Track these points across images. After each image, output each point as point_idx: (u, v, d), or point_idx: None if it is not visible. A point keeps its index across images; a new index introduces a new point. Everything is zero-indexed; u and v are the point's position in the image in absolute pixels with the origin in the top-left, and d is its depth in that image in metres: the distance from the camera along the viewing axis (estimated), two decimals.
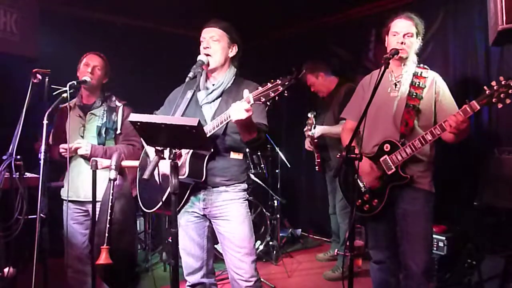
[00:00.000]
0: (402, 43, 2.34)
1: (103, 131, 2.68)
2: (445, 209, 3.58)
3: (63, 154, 2.55)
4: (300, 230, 5.05)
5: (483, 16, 3.27)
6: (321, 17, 4.95)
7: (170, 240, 2.22)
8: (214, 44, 2.18)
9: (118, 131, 2.73)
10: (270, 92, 1.82)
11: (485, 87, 2.06)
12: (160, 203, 2.12)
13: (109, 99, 2.80)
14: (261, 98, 1.84)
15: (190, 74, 2.11)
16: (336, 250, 3.92)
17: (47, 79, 2.35)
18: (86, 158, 2.60)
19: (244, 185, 2.27)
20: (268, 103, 1.86)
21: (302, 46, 5.18)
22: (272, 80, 1.84)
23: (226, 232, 2.19)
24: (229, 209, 2.18)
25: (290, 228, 4.92)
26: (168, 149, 1.83)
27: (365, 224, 2.66)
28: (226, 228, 2.19)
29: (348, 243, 2.11)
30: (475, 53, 3.63)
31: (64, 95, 2.41)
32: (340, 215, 3.87)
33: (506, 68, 3.42)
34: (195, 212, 2.25)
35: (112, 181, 2.24)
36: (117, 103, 2.80)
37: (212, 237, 2.32)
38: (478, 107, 2.07)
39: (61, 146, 2.57)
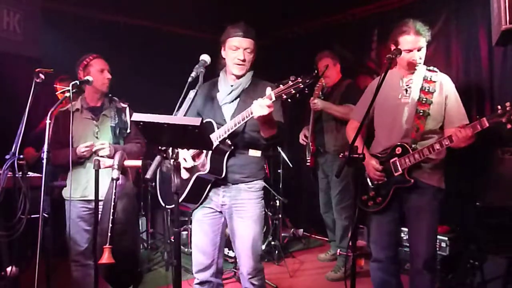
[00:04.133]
0: (419, 57, 2.38)
1: (117, 131, 2.77)
2: (448, 209, 3.58)
3: (85, 154, 2.62)
4: (302, 230, 5.04)
5: (486, 16, 3.26)
6: (323, 17, 4.94)
7: (172, 240, 2.22)
8: (249, 56, 2.25)
9: (128, 130, 2.81)
10: (292, 90, 1.87)
11: (498, 106, 2.11)
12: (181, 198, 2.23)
13: (113, 100, 2.86)
14: (283, 95, 1.90)
15: (193, 74, 2.12)
16: (338, 250, 3.91)
17: None
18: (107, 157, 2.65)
19: (262, 182, 2.36)
20: (289, 100, 1.91)
21: (304, 46, 5.17)
22: (293, 78, 1.89)
23: (238, 229, 2.29)
24: (245, 208, 2.27)
25: (292, 228, 4.92)
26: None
27: (369, 220, 2.67)
28: (239, 225, 2.28)
29: (350, 243, 2.12)
30: (478, 53, 3.63)
31: (67, 94, 2.42)
32: (336, 210, 3.88)
33: (509, 68, 3.41)
34: (212, 208, 2.33)
35: (114, 181, 2.24)
36: (123, 104, 2.87)
37: (225, 237, 2.42)
38: (488, 125, 2.12)
39: (82, 145, 2.61)
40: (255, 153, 2.29)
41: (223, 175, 2.21)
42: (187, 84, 2.12)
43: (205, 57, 2.17)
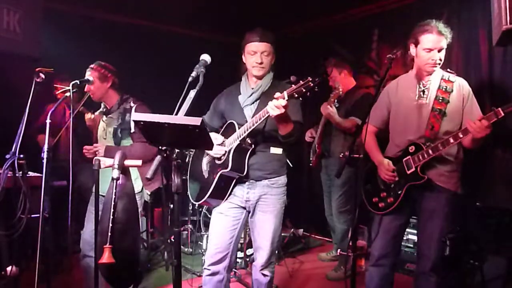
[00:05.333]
0: (439, 59, 2.35)
1: (118, 132, 2.87)
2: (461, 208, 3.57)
3: (86, 154, 2.85)
4: (302, 230, 5.04)
5: (486, 16, 3.26)
6: (323, 16, 4.94)
7: (173, 240, 2.22)
8: (266, 59, 2.38)
9: (132, 130, 2.85)
10: (302, 89, 1.99)
11: None
12: (206, 196, 2.38)
13: (126, 101, 2.94)
14: (294, 94, 2.01)
15: (193, 74, 2.12)
16: (338, 250, 3.91)
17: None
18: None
19: (284, 178, 2.48)
20: (300, 98, 2.04)
21: (304, 45, 5.18)
22: (304, 78, 2.00)
23: (258, 222, 2.42)
24: (267, 203, 2.41)
25: (292, 228, 4.92)
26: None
27: (375, 222, 2.61)
28: (260, 218, 2.42)
29: (351, 243, 2.12)
30: (478, 53, 3.62)
31: (67, 94, 2.42)
32: (335, 214, 3.87)
33: (509, 68, 3.41)
34: (235, 204, 2.44)
35: (114, 180, 2.24)
36: (132, 104, 2.93)
37: (241, 236, 2.56)
38: (503, 114, 2.08)
39: (84, 147, 2.86)
40: (276, 150, 2.40)
41: (245, 172, 2.32)
42: (188, 84, 2.12)
43: (206, 57, 2.17)
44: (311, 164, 3.99)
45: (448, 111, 2.36)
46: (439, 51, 2.34)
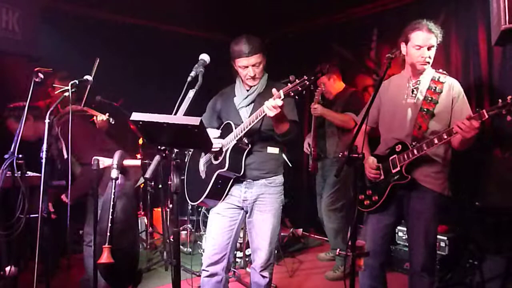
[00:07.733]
0: (428, 57, 2.35)
1: None
2: (447, 209, 3.58)
3: None
4: (301, 229, 5.04)
5: (485, 15, 3.26)
6: (323, 16, 4.94)
7: (172, 239, 2.22)
8: (258, 69, 2.35)
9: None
10: (298, 87, 1.99)
11: (499, 100, 2.04)
12: (203, 196, 2.37)
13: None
14: (291, 92, 2.00)
15: (192, 73, 2.12)
16: (338, 250, 3.90)
17: None
18: None
19: (281, 178, 2.49)
20: (296, 97, 2.03)
21: (304, 45, 5.17)
22: (299, 77, 2.01)
23: (256, 223, 2.41)
24: (265, 203, 2.40)
25: (291, 227, 4.92)
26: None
27: (365, 223, 2.62)
28: (258, 218, 2.41)
29: (350, 243, 2.11)
30: (477, 52, 3.62)
31: (66, 94, 2.41)
32: (325, 213, 3.89)
33: (508, 68, 3.41)
34: (232, 204, 2.43)
35: (114, 180, 2.24)
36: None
37: (239, 236, 2.53)
38: (487, 116, 2.06)
39: None
40: (273, 150, 2.40)
41: (242, 172, 2.32)
42: (187, 83, 2.12)
43: (205, 57, 2.18)
44: (309, 169, 4.03)
45: (436, 112, 2.37)
46: (428, 48, 2.33)
